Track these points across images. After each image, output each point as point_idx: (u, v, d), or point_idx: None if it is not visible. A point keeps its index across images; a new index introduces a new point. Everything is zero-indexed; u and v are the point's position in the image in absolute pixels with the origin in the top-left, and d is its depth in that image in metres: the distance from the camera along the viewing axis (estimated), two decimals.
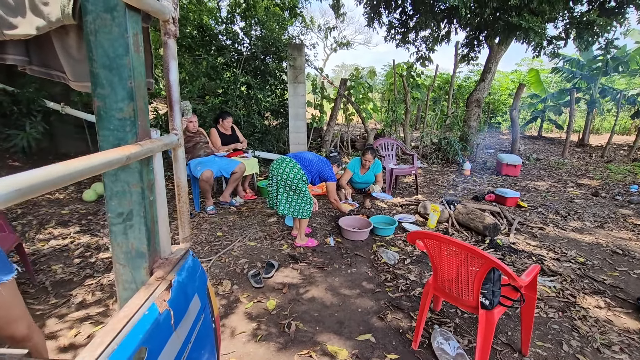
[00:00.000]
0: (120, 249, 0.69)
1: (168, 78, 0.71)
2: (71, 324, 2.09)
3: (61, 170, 0.38)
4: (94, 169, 0.45)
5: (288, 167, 3.10)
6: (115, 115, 0.63)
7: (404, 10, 7.62)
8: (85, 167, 0.42)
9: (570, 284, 2.66)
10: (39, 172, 0.37)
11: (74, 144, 6.99)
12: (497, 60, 7.43)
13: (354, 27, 38.75)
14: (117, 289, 0.72)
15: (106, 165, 0.47)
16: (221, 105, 5.96)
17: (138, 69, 0.63)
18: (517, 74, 16.32)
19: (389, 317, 2.23)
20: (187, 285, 0.73)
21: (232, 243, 3.29)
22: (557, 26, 6.88)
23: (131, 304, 0.59)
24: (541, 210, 4.52)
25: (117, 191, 0.66)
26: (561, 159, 8.45)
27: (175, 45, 0.72)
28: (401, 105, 8.15)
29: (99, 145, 0.64)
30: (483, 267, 1.57)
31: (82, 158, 0.44)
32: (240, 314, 2.24)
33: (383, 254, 3.08)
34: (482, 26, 6.94)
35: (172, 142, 0.72)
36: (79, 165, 0.41)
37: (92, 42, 0.60)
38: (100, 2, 0.58)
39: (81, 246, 3.13)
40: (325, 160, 3.37)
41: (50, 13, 0.68)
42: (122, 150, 0.52)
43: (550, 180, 6.45)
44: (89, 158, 0.45)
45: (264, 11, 7.51)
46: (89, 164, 0.44)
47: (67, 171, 0.39)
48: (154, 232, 0.71)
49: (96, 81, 0.61)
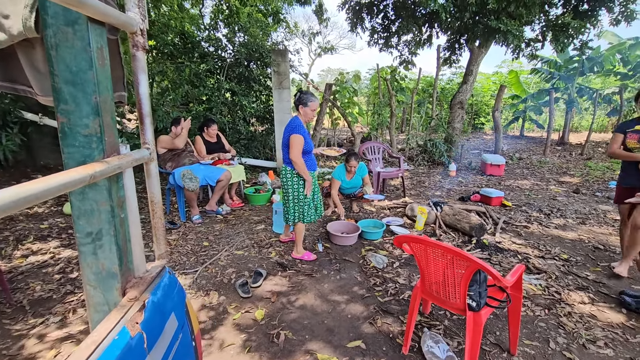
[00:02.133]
0: (90, 270, 0.66)
1: (138, 91, 0.68)
2: (51, 344, 2.01)
3: (15, 194, 0.36)
4: (53, 190, 0.42)
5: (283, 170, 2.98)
6: (81, 131, 0.60)
7: (386, 15, 7.72)
8: (44, 189, 0.40)
9: (555, 281, 2.71)
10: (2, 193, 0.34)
11: (54, 155, 6.80)
12: (478, 63, 7.59)
13: (338, 32, 39.11)
14: (88, 312, 0.69)
15: (68, 186, 0.45)
16: (205, 112, 5.90)
17: (104, 83, 0.61)
18: (498, 75, 16.72)
19: (378, 322, 2.22)
20: (163, 305, 0.70)
21: (219, 252, 3.24)
22: (534, 29, 7.09)
23: (100, 329, 0.57)
24: (525, 209, 4.60)
25: (85, 210, 0.63)
26: (543, 158, 8.66)
27: (145, 57, 0.70)
28: (386, 108, 8.23)
29: (64, 163, 0.61)
30: (468, 269, 1.58)
31: (42, 179, 0.42)
32: (228, 326, 2.20)
33: (372, 258, 3.08)
34: (462, 30, 7.08)
35: (143, 157, 0.69)
36: (36, 187, 0.39)
37: (53, 56, 0.57)
38: (61, 16, 0.56)
39: (61, 261, 3.03)
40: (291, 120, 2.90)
41: (11, 27, 0.65)
42: (85, 169, 0.50)
43: (533, 179, 6.60)
44: (48, 179, 0.43)
45: (247, 17, 7.50)
46: (48, 185, 0.42)
47: (22, 194, 0.37)
48: (126, 251, 0.68)
49: (59, 97, 0.59)
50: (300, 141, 2.74)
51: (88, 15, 0.53)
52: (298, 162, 2.77)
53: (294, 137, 2.73)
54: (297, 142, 2.74)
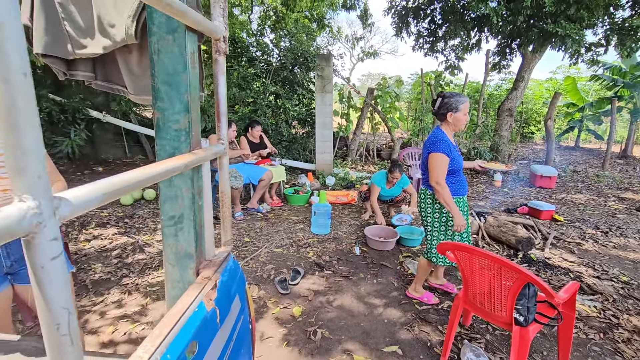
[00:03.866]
0: (170, 250, 0.74)
1: (217, 91, 0.76)
2: (110, 321, 2.21)
3: (138, 176, 0.44)
4: (160, 174, 0.50)
5: None
6: (172, 126, 0.69)
7: (433, 19, 7.58)
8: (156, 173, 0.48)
9: (612, 303, 2.51)
10: (121, 177, 0.42)
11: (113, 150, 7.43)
12: (530, 69, 7.21)
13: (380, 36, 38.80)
14: (165, 287, 0.77)
15: (169, 172, 0.52)
16: (251, 114, 6.14)
17: (193, 84, 0.69)
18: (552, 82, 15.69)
19: (416, 329, 2.19)
20: (229, 286, 0.77)
21: (259, 249, 3.36)
22: (597, 32, 6.60)
23: (182, 301, 0.64)
24: (579, 225, 4.29)
25: (171, 196, 0.72)
26: (601, 171, 7.99)
27: (225, 61, 0.78)
28: (429, 114, 8.05)
29: (157, 154, 0.70)
30: (517, 281, 1.52)
31: (151, 165, 0.50)
32: (267, 319, 2.28)
33: (410, 265, 3.04)
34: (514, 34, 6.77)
35: (219, 151, 0.77)
36: (151, 171, 0.47)
37: (154, 60, 0.66)
38: (164, 25, 0.65)
39: (118, 247, 3.31)
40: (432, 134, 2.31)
41: (115, 34, 0.76)
42: (180, 159, 0.57)
43: (589, 194, 6.12)
44: (156, 165, 0.50)
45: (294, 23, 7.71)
46: (157, 170, 0.49)
47: (143, 177, 0.44)
48: (200, 235, 0.76)
49: (157, 95, 0.68)
50: (443, 161, 2.12)
51: (187, 24, 0.61)
52: (439, 189, 2.13)
53: (434, 156, 2.14)
54: (439, 163, 2.12)
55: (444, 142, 2.14)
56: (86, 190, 0.36)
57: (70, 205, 0.34)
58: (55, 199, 0.33)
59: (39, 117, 0.31)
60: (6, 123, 0.28)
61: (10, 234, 0.28)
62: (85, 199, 0.36)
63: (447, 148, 2.14)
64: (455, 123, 2.20)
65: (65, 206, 0.33)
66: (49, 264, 0.32)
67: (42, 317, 0.33)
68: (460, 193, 2.26)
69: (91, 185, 0.38)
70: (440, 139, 2.15)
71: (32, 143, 0.30)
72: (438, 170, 2.13)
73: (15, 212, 0.29)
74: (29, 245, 0.31)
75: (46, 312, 0.33)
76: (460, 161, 2.21)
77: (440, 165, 2.13)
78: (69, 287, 0.35)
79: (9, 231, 0.28)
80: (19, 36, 0.28)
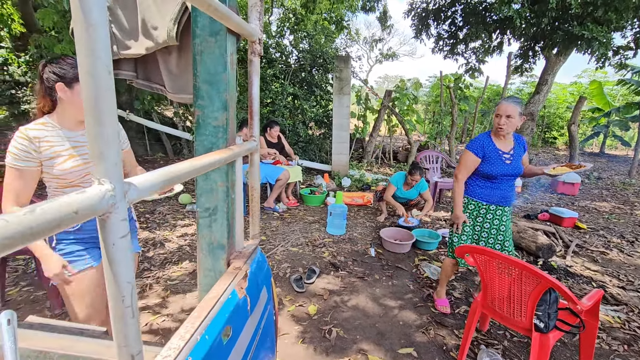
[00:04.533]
0: (204, 240, 0.78)
1: (251, 91, 0.80)
2: None
3: (187, 167, 0.47)
4: (204, 167, 0.54)
5: None
6: (211, 123, 0.73)
7: (454, 21, 7.49)
8: (200, 166, 0.52)
9: (637, 315, 2.43)
10: (173, 167, 0.46)
11: (135, 148, 7.65)
12: (554, 72, 7.03)
13: (399, 38, 38.58)
14: (198, 275, 0.81)
15: (211, 165, 0.56)
16: (269, 114, 6.22)
17: (231, 83, 0.73)
18: (577, 86, 15.22)
19: (431, 332, 2.19)
20: (257, 277, 0.81)
21: (275, 247, 3.40)
22: (626, 35, 6.38)
23: (216, 288, 0.68)
24: (603, 234, 4.16)
25: (206, 189, 0.76)
26: (628, 179, 7.71)
27: (259, 62, 0.82)
28: (447, 117, 7.96)
29: (195, 149, 0.75)
30: (538, 286, 1.51)
31: (195, 159, 0.54)
32: (284, 316, 2.32)
33: (425, 268, 3.02)
34: (538, 36, 6.61)
35: (252, 148, 0.81)
36: (196, 164, 0.51)
37: (197, 60, 0.71)
38: (207, 28, 0.69)
39: (140, 241, 3.41)
40: None
41: (158, 36, 0.81)
42: (219, 154, 0.61)
43: (615, 202, 5.91)
44: (200, 159, 0.55)
45: (313, 25, 7.77)
46: (201, 163, 0.53)
47: (191, 168, 0.48)
48: (232, 227, 0.80)
49: (198, 94, 0.72)
50: (468, 158, 2.17)
51: (229, 27, 0.65)
52: (454, 183, 2.23)
53: (463, 151, 2.22)
54: (463, 159, 2.19)
55: (477, 142, 2.17)
56: (148, 177, 0.40)
57: (137, 189, 0.38)
58: (126, 183, 0.36)
59: (117, 112, 0.35)
60: (91, 116, 0.32)
61: (92, 212, 0.32)
62: (149, 185, 0.39)
63: (480, 149, 2.14)
64: (494, 126, 2.17)
65: (134, 190, 0.37)
66: (119, 242, 0.36)
67: (110, 290, 0.37)
68: (487, 199, 2.19)
69: (151, 173, 0.42)
70: (476, 139, 2.20)
71: (112, 134, 0.34)
72: (460, 165, 2.20)
73: (97, 193, 0.33)
74: (104, 224, 0.35)
75: (114, 286, 0.37)
76: (499, 168, 2.12)
77: (463, 161, 2.18)
78: (133, 264, 0.39)
79: (91, 209, 0.32)
80: (106, 37, 0.32)
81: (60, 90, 1.17)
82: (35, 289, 2.54)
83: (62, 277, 1.27)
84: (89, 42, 0.30)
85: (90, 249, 1.43)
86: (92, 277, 1.39)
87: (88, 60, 0.30)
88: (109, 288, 0.37)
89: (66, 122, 1.27)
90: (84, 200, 0.31)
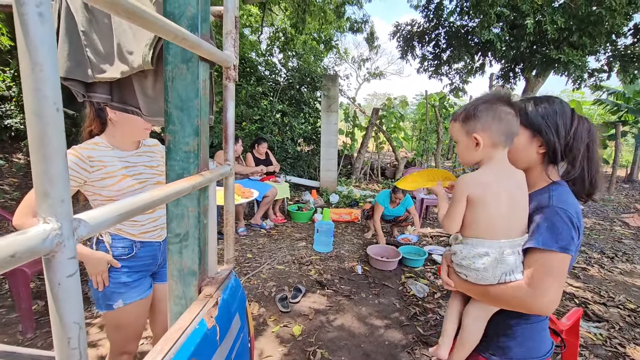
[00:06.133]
0: (175, 267, 0.76)
1: (226, 116, 0.81)
2: None
3: (148, 198, 0.47)
4: (170, 196, 0.53)
5: None
6: (183, 148, 0.72)
7: (437, 43, 7.76)
8: (165, 195, 0.51)
9: (618, 332, 2.45)
10: (133, 200, 0.45)
11: None
12: (534, 92, 7.29)
13: (386, 57, 39.59)
14: (168, 303, 0.79)
15: (178, 193, 0.55)
16: (257, 131, 6.24)
17: (204, 109, 0.73)
18: None
19: (417, 353, 2.16)
20: (230, 304, 0.79)
21: (262, 265, 3.35)
22: (599, 59, 6.70)
23: (184, 318, 0.66)
24: (584, 250, 4.23)
25: (177, 214, 0.75)
26: (607, 195, 7.93)
27: (234, 87, 0.82)
28: (433, 135, 8.12)
29: (167, 174, 0.74)
30: None
31: (161, 188, 0.53)
32: (267, 337, 2.26)
33: (412, 286, 3.01)
34: (518, 59, 6.89)
35: (225, 172, 0.80)
36: (160, 194, 0.50)
37: (169, 87, 0.71)
38: (179, 55, 0.70)
39: None
40: None
41: (133, 60, 0.81)
42: (189, 180, 0.61)
43: (594, 218, 6.05)
44: (166, 187, 0.54)
45: (302, 44, 7.92)
46: (166, 192, 0.52)
47: (153, 199, 0.47)
48: (204, 253, 0.78)
49: (169, 119, 0.72)
50: None
51: (200, 55, 0.66)
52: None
53: None
54: None
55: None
56: (102, 212, 0.39)
57: (87, 226, 0.37)
58: (75, 220, 0.36)
59: (65, 146, 0.34)
60: (37, 154, 0.32)
61: (33, 253, 0.31)
62: (101, 220, 0.39)
63: None
64: None
65: (84, 227, 0.36)
66: (65, 281, 0.35)
67: (55, 331, 0.36)
68: None
69: (106, 207, 0.41)
70: None
71: (59, 170, 0.33)
72: None
73: (39, 233, 0.32)
74: (49, 263, 0.34)
75: (59, 326, 0.36)
76: None
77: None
78: (81, 303, 0.38)
79: (31, 251, 0.31)
80: (55, 76, 0.31)
81: (112, 111, 1.19)
82: (7, 312, 2.42)
83: (105, 275, 1.27)
84: (35, 82, 0.30)
85: (143, 279, 1.40)
86: (137, 309, 1.38)
87: (34, 101, 0.30)
88: (54, 329, 0.36)
89: (117, 142, 1.30)
90: (23, 241, 0.30)
